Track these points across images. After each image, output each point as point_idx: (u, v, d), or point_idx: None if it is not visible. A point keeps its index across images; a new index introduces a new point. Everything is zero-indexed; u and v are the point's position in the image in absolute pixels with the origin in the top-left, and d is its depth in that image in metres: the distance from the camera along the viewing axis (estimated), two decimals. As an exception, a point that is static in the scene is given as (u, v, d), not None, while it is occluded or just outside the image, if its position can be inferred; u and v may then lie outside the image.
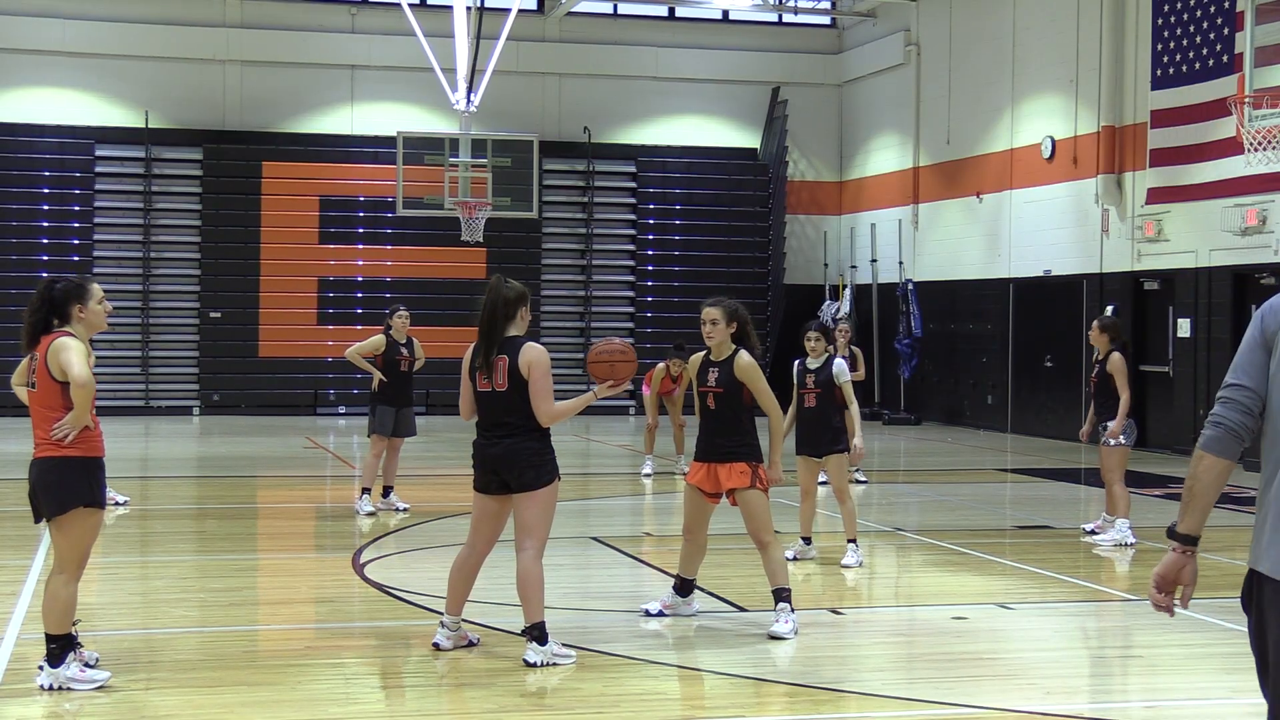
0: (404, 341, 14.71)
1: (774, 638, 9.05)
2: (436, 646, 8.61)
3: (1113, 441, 13.25)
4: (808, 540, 12.05)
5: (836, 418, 11.83)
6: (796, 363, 11.98)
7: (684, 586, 9.69)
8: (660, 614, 9.59)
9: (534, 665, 8.25)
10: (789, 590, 9.28)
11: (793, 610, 9.25)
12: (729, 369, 9.26)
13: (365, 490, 14.59)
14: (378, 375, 14.57)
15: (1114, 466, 13.34)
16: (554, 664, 8.27)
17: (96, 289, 7.92)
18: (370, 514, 14.40)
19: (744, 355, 9.28)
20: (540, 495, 8.39)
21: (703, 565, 9.81)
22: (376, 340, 14.64)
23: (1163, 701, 7.84)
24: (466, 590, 8.73)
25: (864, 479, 17.89)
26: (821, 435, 11.79)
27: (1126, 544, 13.08)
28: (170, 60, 29.05)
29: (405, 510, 14.69)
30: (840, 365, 11.78)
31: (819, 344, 11.83)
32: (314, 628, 9.82)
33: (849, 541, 11.88)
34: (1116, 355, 13.27)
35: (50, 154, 28.64)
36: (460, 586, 8.70)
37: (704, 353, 9.47)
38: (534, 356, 8.35)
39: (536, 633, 8.34)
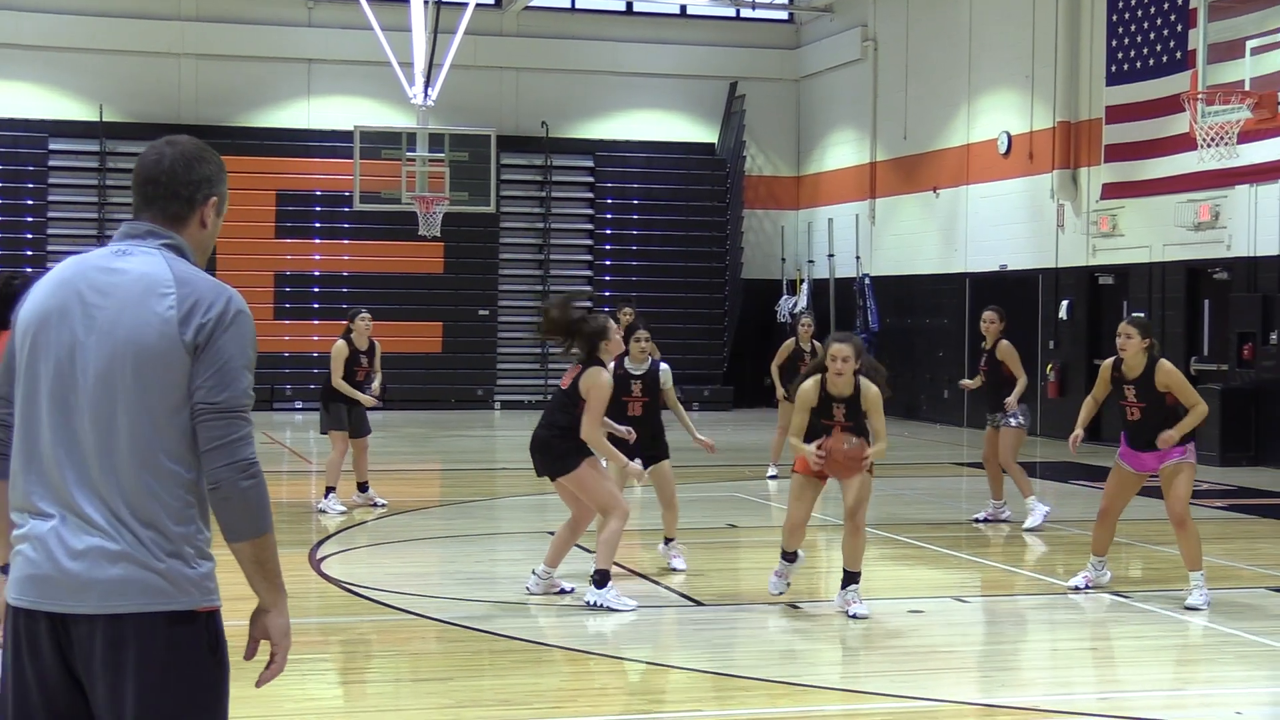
0: (365, 349, 14.40)
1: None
2: (528, 590, 9.99)
3: (1014, 421, 13.63)
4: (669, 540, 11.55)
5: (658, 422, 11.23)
6: (614, 366, 10.87)
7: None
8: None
9: (590, 604, 9.56)
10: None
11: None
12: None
13: (330, 489, 14.35)
14: (369, 399, 14.39)
15: (1014, 447, 13.73)
16: (608, 606, 9.51)
17: None
18: (342, 513, 14.21)
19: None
20: (578, 476, 9.60)
21: (656, 559, 9.78)
22: (340, 349, 14.37)
23: (1116, 693, 7.91)
24: (564, 549, 10.01)
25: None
26: (650, 440, 11.10)
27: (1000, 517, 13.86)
28: (125, 54, 28.84)
29: (384, 505, 14.57)
30: (666, 370, 11.27)
31: (649, 345, 11.33)
32: (271, 624, 9.77)
33: (668, 540, 11.37)
34: (1006, 342, 13.78)
35: (3, 147, 28.37)
36: (559, 544, 10.00)
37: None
38: (596, 380, 9.58)
39: (596, 578, 9.63)
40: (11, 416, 3.68)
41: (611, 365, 11.28)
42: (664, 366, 11.37)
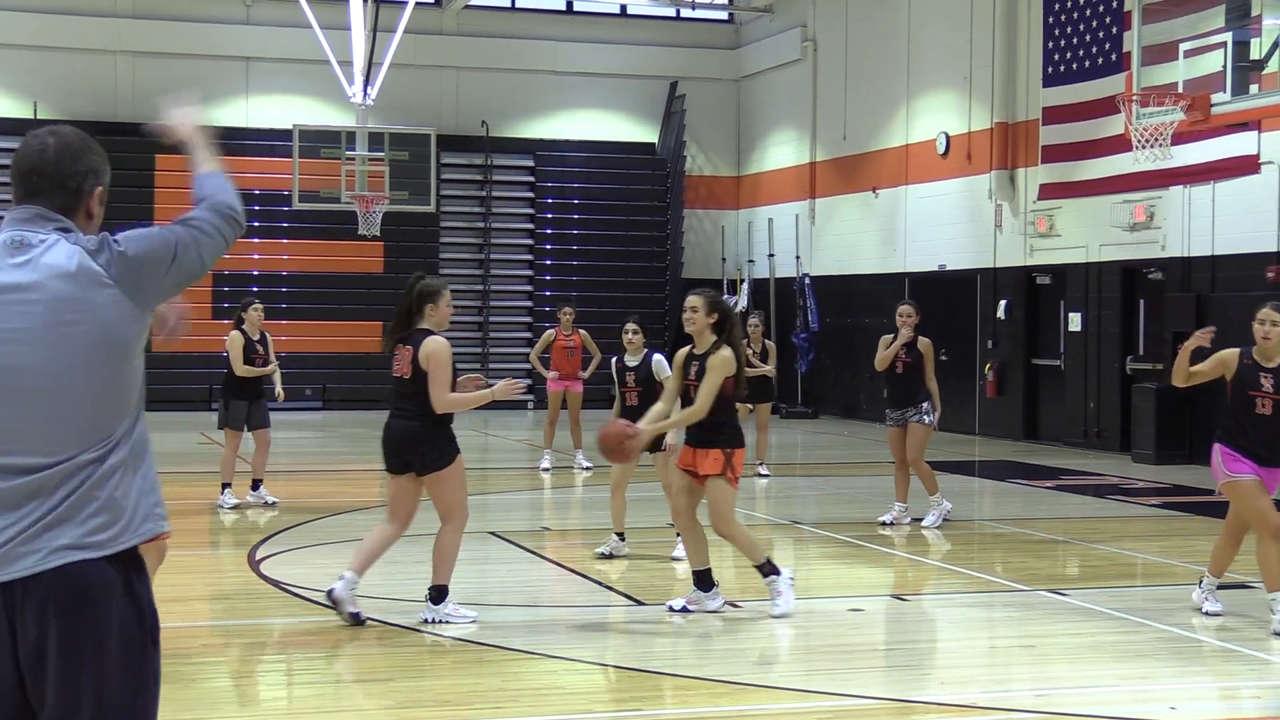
0: (258, 337, 14.65)
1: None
2: (330, 593, 9.03)
3: (928, 419, 13.72)
4: (621, 536, 11.75)
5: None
6: (614, 359, 11.89)
7: (704, 579, 9.59)
8: (685, 610, 9.47)
9: (427, 621, 8.98)
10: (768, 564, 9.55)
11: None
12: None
13: (225, 485, 14.61)
14: (273, 367, 14.74)
15: (925, 444, 13.87)
16: (448, 621, 8.99)
17: None
18: (234, 507, 14.44)
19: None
20: (445, 475, 9.02)
21: (602, 558, 9.81)
22: (236, 339, 14.49)
23: (1053, 690, 7.98)
24: (373, 557, 9.17)
25: (766, 473, 17.94)
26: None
27: (947, 515, 13.84)
28: (60, 50, 28.54)
29: (274, 504, 14.58)
30: (659, 361, 11.56)
31: (638, 338, 11.75)
32: (209, 625, 9.73)
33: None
34: (926, 339, 13.78)
35: (-64, 145, 28.05)
36: (370, 550, 9.15)
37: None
38: (432, 349, 9.09)
39: (434, 594, 9.06)
40: None
41: (613, 359, 11.65)
42: (657, 357, 11.65)
